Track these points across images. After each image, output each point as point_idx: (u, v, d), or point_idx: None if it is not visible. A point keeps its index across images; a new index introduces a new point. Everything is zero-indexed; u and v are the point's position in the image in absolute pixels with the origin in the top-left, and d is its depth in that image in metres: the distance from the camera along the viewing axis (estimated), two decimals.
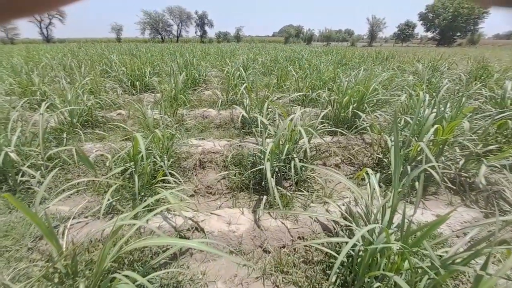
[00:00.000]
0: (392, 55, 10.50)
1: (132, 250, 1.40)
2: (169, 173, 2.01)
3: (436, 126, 2.14)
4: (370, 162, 2.56)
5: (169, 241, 1.00)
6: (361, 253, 1.24)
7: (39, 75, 4.33)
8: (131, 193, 1.91)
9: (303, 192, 2.03)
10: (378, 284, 1.17)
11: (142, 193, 1.90)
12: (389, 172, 2.25)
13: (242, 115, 3.14)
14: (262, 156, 2.22)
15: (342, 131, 2.80)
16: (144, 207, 1.31)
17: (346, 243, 1.35)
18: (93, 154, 2.32)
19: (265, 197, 1.89)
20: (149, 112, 2.77)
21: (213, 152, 2.59)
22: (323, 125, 2.99)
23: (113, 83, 4.69)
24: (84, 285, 1.02)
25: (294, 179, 2.05)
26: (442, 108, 2.46)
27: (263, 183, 2.11)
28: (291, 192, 2.00)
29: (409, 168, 2.05)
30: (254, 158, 2.40)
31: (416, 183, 2.01)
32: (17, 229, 1.62)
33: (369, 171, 1.70)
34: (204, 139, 2.93)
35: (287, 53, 10.53)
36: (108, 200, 1.65)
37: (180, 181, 2.04)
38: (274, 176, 1.95)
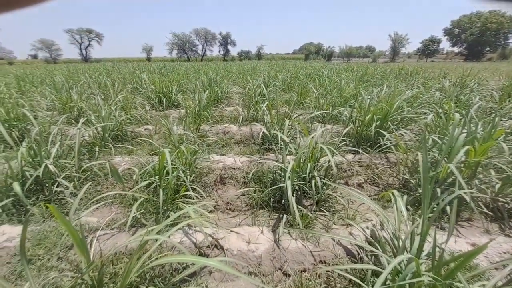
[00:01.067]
0: (416, 71, 10.23)
1: (154, 265, 1.43)
2: (191, 188, 2.06)
3: (467, 147, 2.03)
4: (395, 183, 2.46)
5: (192, 259, 1.02)
6: (388, 282, 1.17)
7: (77, 92, 4.73)
8: (155, 206, 1.98)
9: (324, 212, 1.98)
10: None
11: (165, 207, 1.96)
12: (417, 194, 2.14)
13: (263, 131, 3.18)
14: (283, 174, 2.21)
15: (364, 150, 2.73)
16: (166, 222, 1.34)
17: (372, 270, 1.28)
18: (121, 167, 2.45)
19: (285, 216, 1.86)
20: (174, 128, 2.89)
21: (234, 168, 2.63)
22: (344, 143, 2.94)
23: (142, 100, 4.99)
24: None
25: (315, 198, 2.01)
26: (473, 128, 2.33)
27: (283, 201, 2.09)
28: (312, 212, 1.96)
29: (439, 190, 1.94)
30: (274, 175, 2.40)
31: (448, 208, 1.89)
32: (49, 239, 1.72)
33: (395, 192, 1.64)
34: (225, 155, 2.99)
35: (307, 70, 10.64)
36: (134, 213, 1.71)
37: (202, 196, 2.08)
38: (295, 195, 1.93)
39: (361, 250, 1.59)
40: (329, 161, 2.15)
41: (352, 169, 2.57)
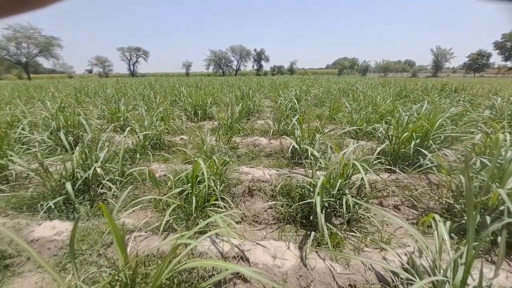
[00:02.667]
0: (462, 86, 9.44)
1: (182, 270, 1.48)
2: (221, 197, 2.12)
3: None
4: (437, 207, 2.25)
5: (226, 265, 1.03)
6: None
7: (124, 103, 5.22)
8: (185, 213, 2.06)
9: (355, 233, 1.88)
10: None
11: (195, 214, 2.03)
12: (462, 221, 1.93)
13: (293, 145, 3.18)
14: (312, 189, 2.17)
15: (401, 169, 2.57)
16: (196, 229, 1.39)
17: None
18: (158, 173, 2.62)
19: (313, 233, 1.81)
20: (207, 139, 3.03)
21: (262, 181, 2.64)
22: (379, 160, 2.80)
23: (179, 111, 5.32)
24: None
25: (346, 217, 1.93)
26: None
27: (311, 217, 2.03)
28: (342, 232, 1.87)
29: (488, 219, 1.73)
30: (302, 190, 2.36)
31: (499, 238, 1.67)
32: (92, 236, 1.87)
33: (437, 217, 1.51)
34: (254, 167, 3.02)
35: (340, 85, 10.45)
36: (167, 218, 1.80)
37: (230, 207, 2.12)
38: (324, 212, 1.87)
39: (396, 277, 1.47)
40: (362, 178, 2.07)
41: (387, 189, 2.42)
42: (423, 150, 2.71)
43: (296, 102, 4.75)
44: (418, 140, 2.91)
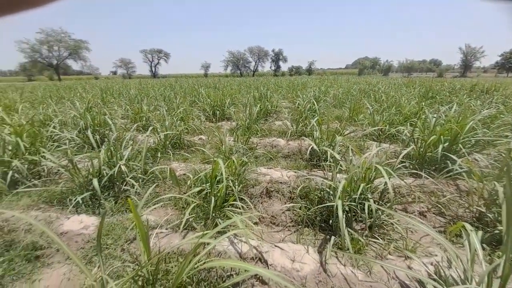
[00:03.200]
0: (494, 87, 8.84)
1: (201, 269, 1.49)
2: (239, 198, 2.12)
3: None
4: (466, 215, 2.12)
5: (246, 266, 1.02)
6: None
7: (147, 104, 5.41)
8: (204, 212, 2.09)
9: (378, 239, 1.81)
10: None
11: (214, 214, 2.05)
12: (496, 231, 1.80)
13: (312, 147, 3.12)
14: (331, 192, 2.12)
15: (428, 174, 2.44)
16: (217, 229, 1.40)
17: None
18: (177, 172, 2.67)
19: (333, 237, 1.76)
20: (226, 139, 3.05)
21: (280, 182, 2.62)
22: (403, 164, 2.68)
23: (198, 112, 5.42)
24: None
25: (368, 222, 1.86)
26: None
27: (330, 221, 1.98)
28: (364, 237, 1.81)
29: None
30: (322, 193, 2.31)
31: None
32: (115, 231, 1.95)
33: (468, 226, 1.41)
34: (272, 168, 3.01)
35: (360, 85, 10.16)
36: (187, 216, 1.84)
37: (249, 207, 2.12)
38: (344, 216, 1.82)
39: (421, 287, 1.39)
40: (385, 183, 1.99)
41: (412, 195, 2.31)
42: (451, 155, 2.56)
43: (315, 103, 4.67)
44: (447, 144, 2.76)
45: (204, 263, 1.10)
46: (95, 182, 2.23)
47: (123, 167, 2.39)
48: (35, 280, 1.53)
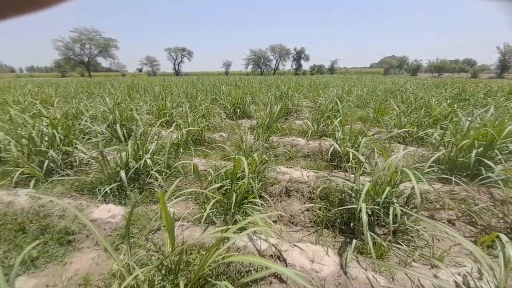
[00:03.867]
0: None
1: (221, 263, 1.52)
2: (259, 195, 2.13)
3: None
4: (500, 226, 1.98)
5: (267, 263, 1.02)
6: None
7: (170, 101, 5.58)
8: (224, 208, 2.12)
9: (402, 245, 1.74)
10: None
11: (233, 210, 2.08)
12: None
13: (334, 147, 3.05)
14: (354, 195, 2.06)
15: (459, 180, 2.30)
16: (240, 225, 1.42)
17: None
18: (198, 168, 2.73)
19: (354, 241, 1.72)
20: (246, 137, 3.07)
21: (300, 182, 2.59)
22: (431, 168, 2.54)
23: (219, 109, 5.50)
24: (183, 283, 1.17)
25: (392, 227, 1.79)
26: None
27: (351, 224, 1.93)
28: (387, 243, 1.75)
29: None
30: (343, 194, 2.26)
31: None
32: (140, 221, 2.03)
33: (503, 237, 1.32)
34: (291, 167, 2.98)
35: (386, 85, 9.76)
36: (208, 211, 1.88)
37: (268, 205, 2.13)
38: (367, 219, 1.76)
39: None
40: (412, 187, 1.90)
41: (440, 201, 2.19)
42: (486, 161, 2.39)
43: (338, 102, 4.56)
44: (481, 149, 2.58)
45: (224, 257, 1.11)
46: (122, 174, 2.34)
47: (148, 161, 2.49)
48: (67, 263, 1.64)
